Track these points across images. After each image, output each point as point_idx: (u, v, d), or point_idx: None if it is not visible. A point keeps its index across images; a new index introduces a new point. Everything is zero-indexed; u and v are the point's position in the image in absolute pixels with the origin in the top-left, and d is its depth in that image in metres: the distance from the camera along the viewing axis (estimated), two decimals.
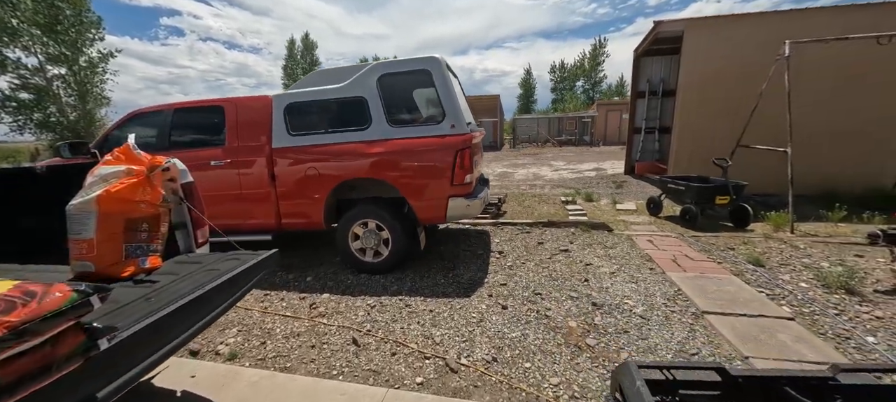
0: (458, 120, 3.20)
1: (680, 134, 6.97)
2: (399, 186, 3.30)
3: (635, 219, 5.67)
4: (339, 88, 3.41)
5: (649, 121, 9.75)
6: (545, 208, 6.57)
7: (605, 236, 4.59)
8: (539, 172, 11.61)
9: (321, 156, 3.40)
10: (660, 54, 9.27)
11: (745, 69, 6.27)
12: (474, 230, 4.91)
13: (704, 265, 3.52)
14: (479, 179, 4.21)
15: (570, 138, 22.74)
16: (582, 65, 47.14)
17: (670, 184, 5.56)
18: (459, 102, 3.55)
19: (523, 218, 5.75)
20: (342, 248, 3.56)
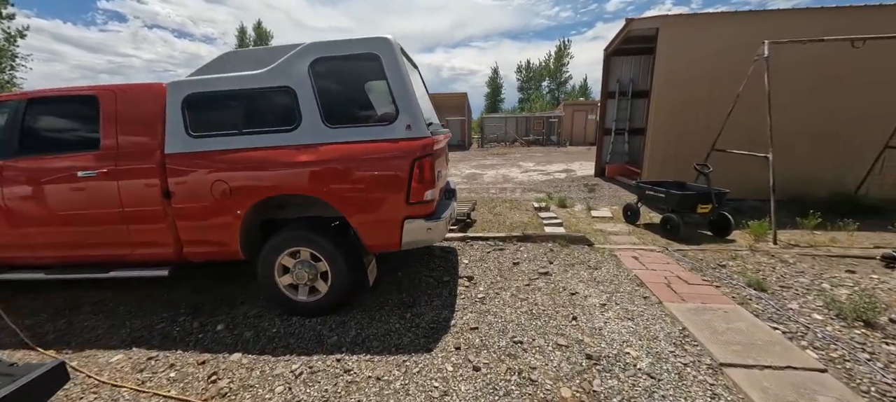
0: (415, 119, 2.48)
1: (654, 136, 6.69)
2: (338, 204, 2.53)
3: (613, 228, 5.24)
4: (259, 74, 2.58)
5: (619, 122, 9.54)
6: (517, 215, 6.02)
7: (586, 252, 4.06)
8: (508, 174, 11.15)
9: (232, 165, 2.55)
10: (631, 54, 9.06)
11: (722, 70, 6.06)
12: (440, 248, 4.21)
13: (702, 291, 3.06)
14: (445, 191, 3.52)
15: (538, 138, 22.71)
16: (547, 65, 47.92)
17: (648, 190, 5.18)
18: (418, 97, 2.84)
19: (495, 229, 5.14)
20: (266, 285, 2.74)
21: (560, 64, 46.85)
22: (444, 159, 3.24)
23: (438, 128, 3.35)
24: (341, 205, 2.52)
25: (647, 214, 5.90)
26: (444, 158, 3.24)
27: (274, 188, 2.53)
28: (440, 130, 3.34)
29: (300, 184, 2.50)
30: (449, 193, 3.67)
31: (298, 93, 2.53)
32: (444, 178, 3.43)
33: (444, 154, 3.20)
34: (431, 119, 3.39)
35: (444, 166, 3.41)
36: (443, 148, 3.12)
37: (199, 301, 3.09)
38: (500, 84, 51.50)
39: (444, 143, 3.24)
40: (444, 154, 3.28)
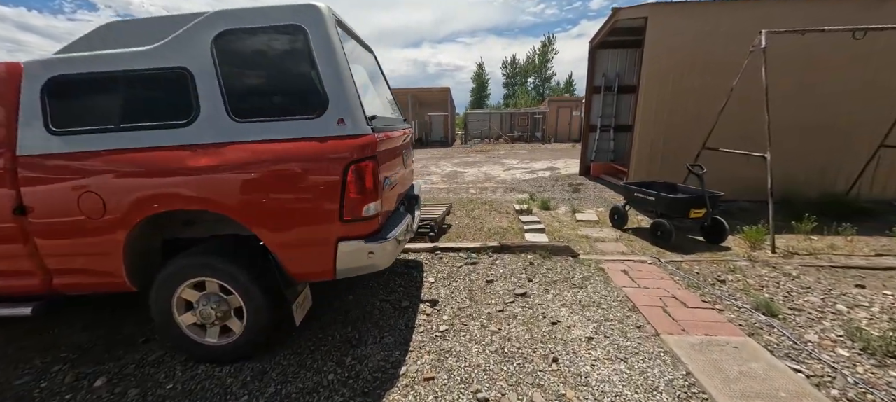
0: (350, 111, 1.90)
1: (641, 133, 6.27)
2: (249, 222, 1.93)
3: (600, 233, 4.79)
4: (146, 52, 1.95)
5: (605, 118, 9.15)
6: (497, 219, 5.51)
7: (570, 265, 3.58)
8: (491, 172, 10.65)
9: (106, 171, 1.92)
10: (617, 47, 8.65)
11: (714, 62, 5.67)
12: (402, 262, 3.65)
13: (704, 317, 2.60)
14: (406, 198, 2.96)
15: (523, 135, 22.33)
16: (532, 61, 47.69)
17: (637, 192, 4.74)
18: (363, 84, 2.27)
19: (470, 237, 4.62)
20: (163, 326, 2.13)
21: (545, 60, 46.69)
22: (401, 161, 2.68)
23: (396, 122, 2.79)
24: (253, 223, 1.93)
25: (635, 216, 5.49)
26: (401, 160, 2.67)
27: (161, 202, 1.91)
28: (399, 126, 2.77)
29: (196, 197, 1.89)
30: (411, 201, 3.11)
31: (197, 76, 1.92)
32: (404, 182, 2.87)
33: (400, 155, 2.64)
34: (385, 112, 2.83)
35: (405, 168, 2.85)
36: (398, 147, 2.56)
37: (87, 342, 2.45)
38: (486, 80, 51.07)
39: (402, 141, 2.67)
40: (402, 154, 2.72)
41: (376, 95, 2.97)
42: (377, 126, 2.08)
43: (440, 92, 21.01)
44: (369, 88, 2.80)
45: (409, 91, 20.21)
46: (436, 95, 21.35)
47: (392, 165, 2.38)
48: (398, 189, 2.69)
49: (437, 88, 20.89)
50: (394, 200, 2.48)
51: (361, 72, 2.64)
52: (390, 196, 2.35)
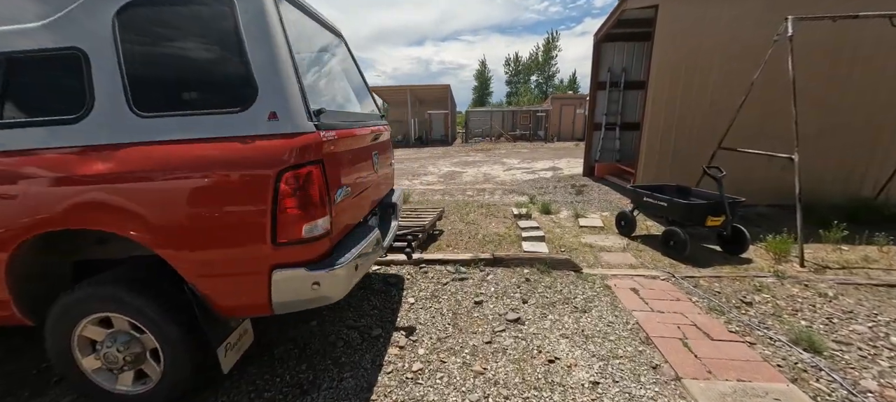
0: (284, 102, 1.47)
1: (650, 131, 5.80)
2: (158, 245, 1.51)
3: (605, 242, 4.34)
4: (29, 30, 1.53)
5: (610, 116, 8.67)
6: (493, 225, 5.08)
7: (572, 282, 3.14)
8: (490, 172, 10.21)
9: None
10: (624, 39, 8.15)
11: (732, 53, 5.18)
12: (380, 277, 3.23)
13: (734, 354, 2.15)
14: (379, 207, 2.53)
15: (525, 133, 21.83)
16: (536, 58, 47.07)
17: (647, 196, 4.29)
18: (312, 70, 1.84)
19: (462, 246, 4.19)
20: (63, 368, 1.71)
21: (548, 57, 46.05)
22: (371, 164, 2.25)
23: (364, 118, 2.36)
24: (159, 245, 1.50)
25: (644, 222, 5.03)
26: (371, 163, 2.24)
27: (44, 220, 1.49)
28: (369, 122, 2.35)
29: (89, 213, 1.48)
30: (388, 210, 2.68)
31: (92, 59, 1.49)
32: (377, 189, 2.44)
33: (369, 157, 2.21)
34: (353, 106, 2.41)
35: (378, 172, 2.42)
36: (365, 148, 2.13)
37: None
38: (489, 77, 50.51)
39: (371, 140, 2.24)
40: (372, 156, 2.28)
41: (346, 87, 2.55)
42: (328, 122, 1.65)
43: (440, 89, 20.54)
44: (335, 77, 2.38)
45: (408, 88, 19.77)
46: (436, 92, 20.88)
47: (355, 169, 1.95)
48: (369, 196, 2.26)
49: (437, 85, 20.42)
50: (359, 210, 2.06)
51: (325, 59, 2.22)
52: (352, 207, 1.92)
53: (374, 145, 2.29)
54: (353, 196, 1.88)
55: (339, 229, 1.73)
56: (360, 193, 2.01)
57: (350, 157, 1.86)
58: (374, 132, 2.29)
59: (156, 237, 1.48)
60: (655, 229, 4.85)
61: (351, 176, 1.86)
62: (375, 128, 2.38)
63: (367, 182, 2.15)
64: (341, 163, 1.73)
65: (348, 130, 1.83)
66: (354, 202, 1.94)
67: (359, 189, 1.99)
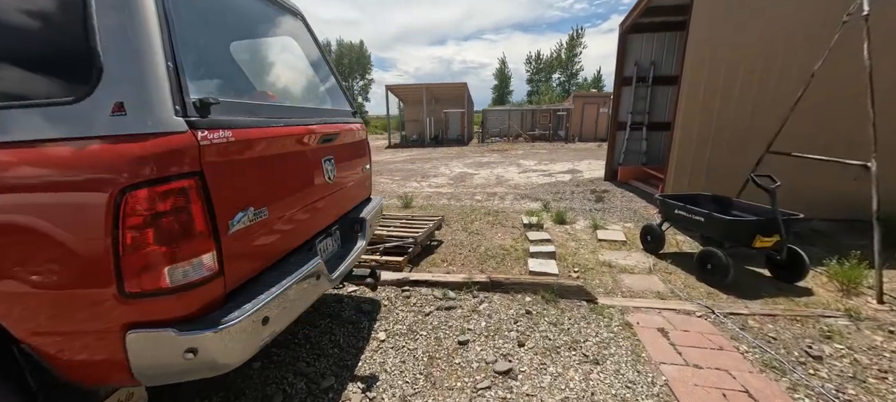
0: (139, 90, 1.00)
1: (683, 132, 5.07)
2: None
3: (627, 261, 3.71)
4: None
5: (636, 114, 7.88)
6: (499, 236, 4.53)
7: (583, 318, 2.56)
8: (504, 175, 9.61)
9: None
10: (653, 30, 7.37)
11: (786, 39, 4.40)
12: (354, 302, 2.75)
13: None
14: (335, 229, 2.05)
15: (544, 133, 20.95)
16: (558, 56, 45.68)
17: (679, 209, 3.63)
18: (193, 43, 1.39)
19: (459, 261, 3.68)
20: None
21: (572, 54, 44.55)
22: (321, 171, 1.77)
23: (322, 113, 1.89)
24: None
25: (674, 236, 4.34)
26: (320, 170, 1.77)
27: None
28: (322, 118, 1.87)
29: None
30: (354, 227, 2.20)
31: None
32: (335, 203, 1.97)
33: (317, 163, 1.74)
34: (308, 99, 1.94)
35: (335, 180, 1.94)
36: (308, 152, 1.66)
37: None
38: (509, 76, 49.50)
39: (315, 142, 1.76)
40: (322, 162, 1.80)
41: (297, 76, 2.09)
42: (223, 119, 1.17)
43: (457, 87, 20.00)
44: (277, 63, 1.92)
45: (425, 86, 19.35)
46: (452, 90, 20.36)
47: (281, 181, 1.47)
48: (318, 214, 1.79)
49: (454, 84, 19.88)
50: (293, 235, 1.58)
51: (264, 40, 1.77)
52: (278, 232, 1.45)
53: (325, 148, 1.81)
54: (277, 217, 1.41)
55: (247, 265, 1.26)
56: (293, 212, 1.54)
57: (269, 165, 1.38)
58: (325, 133, 1.81)
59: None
60: (688, 245, 4.17)
61: (271, 191, 1.38)
62: (331, 127, 1.90)
63: (310, 196, 1.67)
64: (247, 174, 1.25)
65: (265, 128, 1.35)
66: (282, 225, 1.46)
67: (291, 207, 1.51)
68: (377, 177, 9.68)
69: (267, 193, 1.34)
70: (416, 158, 14.06)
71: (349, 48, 40.42)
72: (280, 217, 1.43)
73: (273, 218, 1.37)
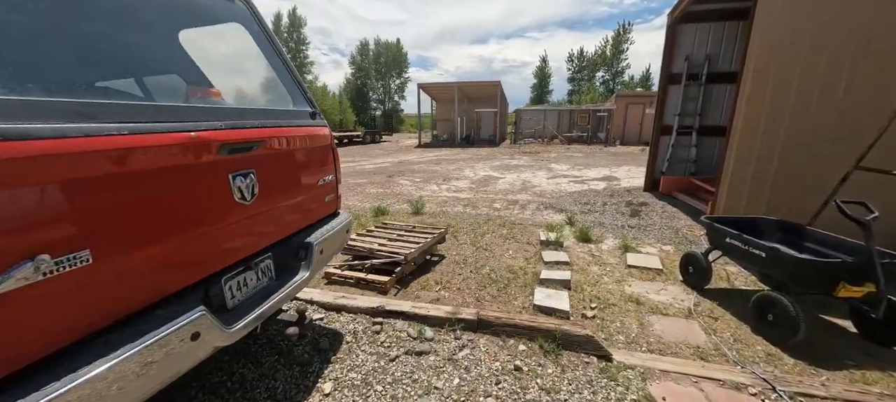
0: None
1: (743, 139, 4.21)
2: None
3: (661, 296, 3.03)
4: None
5: (685, 117, 6.89)
6: (510, 253, 3.99)
7: (588, 384, 1.98)
8: (531, 180, 8.93)
9: None
10: (709, 19, 6.37)
11: (881, 31, 3.44)
12: (314, 334, 2.36)
13: None
14: (265, 262, 1.66)
15: (582, 135, 19.67)
16: (603, 53, 43.21)
17: (732, 238, 2.89)
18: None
19: (457, 283, 3.21)
20: None
21: (618, 51, 41.92)
22: (227, 188, 1.38)
23: (235, 114, 1.51)
24: None
25: (725, 266, 3.56)
26: (227, 187, 1.38)
27: None
28: (254, 120, 1.49)
29: None
30: (290, 257, 1.81)
31: None
32: (259, 230, 1.58)
33: (221, 177, 1.35)
34: (235, 96, 1.57)
35: (249, 202, 1.54)
36: (206, 163, 1.27)
37: None
38: (549, 74, 47.68)
39: (218, 152, 1.36)
40: (230, 178, 1.40)
41: (232, 70, 1.71)
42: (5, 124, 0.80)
43: (489, 86, 19.31)
44: (203, 56, 1.55)
45: (457, 85, 18.88)
46: (485, 89, 19.70)
47: (146, 207, 1.09)
48: (237, 243, 1.42)
49: (487, 82, 19.20)
50: (161, 278, 1.19)
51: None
52: (127, 278, 1.06)
53: (236, 161, 1.41)
54: (117, 260, 1.02)
55: (37, 338, 0.88)
56: (158, 248, 1.14)
57: (99, 188, 0.98)
58: (236, 140, 1.41)
59: None
60: (743, 278, 3.38)
61: (101, 225, 0.98)
62: (254, 132, 1.50)
63: (199, 224, 1.28)
64: (41, 204, 0.86)
65: (84, 138, 0.95)
66: (132, 268, 1.07)
67: (151, 242, 1.12)
68: (396, 178, 9.39)
69: (90, 230, 0.95)
70: (443, 159, 13.66)
71: (385, 47, 40.85)
72: (125, 258, 1.04)
73: (103, 264, 0.98)
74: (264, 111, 1.73)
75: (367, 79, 39.93)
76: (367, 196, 7.26)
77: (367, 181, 8.95)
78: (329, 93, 35.45)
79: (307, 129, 1.93)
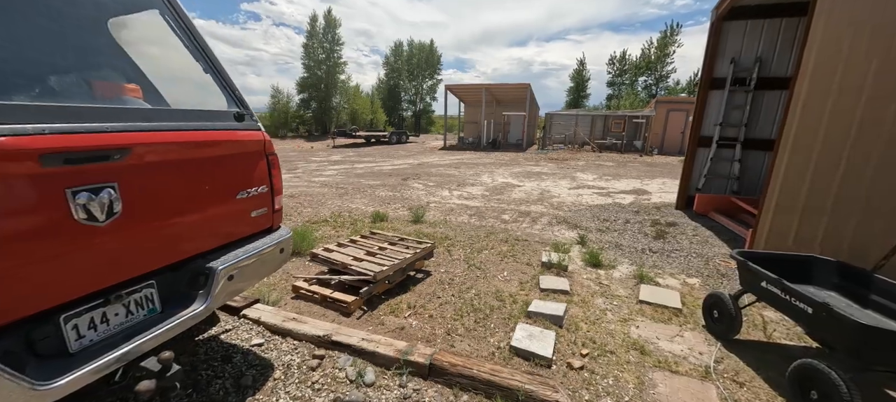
0: None
1: (794, 155, 3.49)
2: None
3: (674, 345, 2.49)
4: None
5: (728, 127, 6.04)
6: (503, 275, 3.57)
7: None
8: (551, 190, 8.33)
9: None
10: (760, 15, 5.52)
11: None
12: (245, 360, 2.08)
13: None
14: (148, 293, 1.38)
15: (617, 142, 18.46)
16: (647, 55, 40.76)
17: (769, 282, 2.30)
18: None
19: (431, 310, 2.86)
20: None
21: (663, 53, 39.34)
22: (69, 209, 1.11)
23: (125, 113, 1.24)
24: None
25: (761, 311, 2.92)
26: (58, 207, 1.11)
27: None
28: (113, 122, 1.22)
29: None
30: (187, 285, 1.53)
31: None
32: (152, 248, 1.32)
33: (45, 194, 1.08)
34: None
35: (107, 223, 1.26)
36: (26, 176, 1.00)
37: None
38: (586, 77, 45.73)
39: (40, 160, 1.09)
40: (66, 193, 1.13)
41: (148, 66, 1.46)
42: None
43: (518, 89, 18.62)
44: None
45: (484, 86, 18.39)
46: (514, 91, 19.05)
47: None
48: (84, 271, 1.15)
49: (516, 84, 18.53)
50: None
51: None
52: None
53: (64, 174, 1.12)
54: None
55: None
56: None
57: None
58: (69, 149, 1.12)
59: None
60: (782, 329, 2.73)
61: None
62: (96, 138, 1.20)
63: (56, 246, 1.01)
64: None
65: None
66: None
67: None
68: (411, 181, 9.13)
69: None
70: (463, 163, 13.27)
71: (419, 48, 40.95)
72: None
73: None
74: (159, 112, 1.46)
75: (400, 80, 40.26)
76: (375, 199, 7.04)
77: (379, 184, 8.76)
78: (362, 93, 36.09)
79: (224, 133, 1.65)
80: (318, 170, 11.07)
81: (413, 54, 40.86)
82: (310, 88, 30.12)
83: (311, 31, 29.53)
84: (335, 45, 30.17)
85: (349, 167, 11.82)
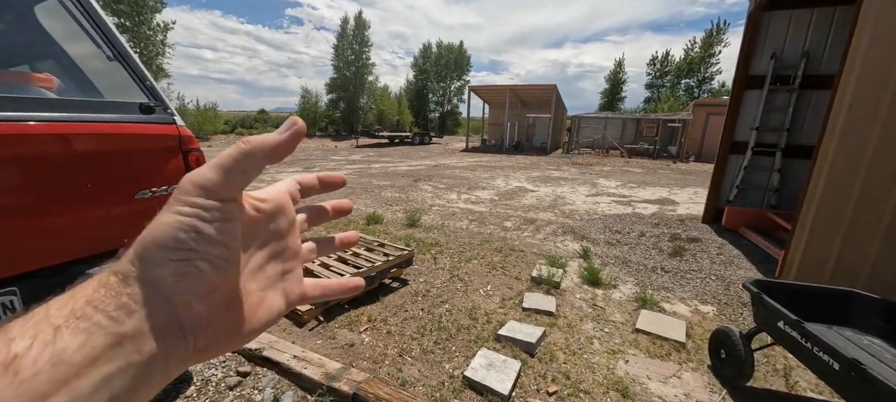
0: None
1: (837, 164, 2.91)
2: None
3: (668, 389, 2.10)
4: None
5: (765, 132, 5.32)
6: (486, 289, 3.27)
7: None
8: (566, 196, 7.83)
9: None
10: (806, 3, 4.81)
11: None
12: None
13: None
14: (12, 300, 1.23)
15: (649, 148, 17.31)
16: (690, 55, 38.28)
17: (787, 323, 1.84)
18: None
19: (401, 315, 2.61)
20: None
21: (707, 54, 36.76)
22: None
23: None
24: None
25: (783, 358, 2.42)
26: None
27: None
28: None
29: None
30: (46, 296, 1.35)
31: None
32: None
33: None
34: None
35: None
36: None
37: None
38: (623, 79, 43.73)
39: None
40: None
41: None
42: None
43: (544, 90, 17.94)
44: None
45: (508, 88, 17.89)
46: (539, 93, 18.39)
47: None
48: None
49: (541, 86, 17.86)
50: None
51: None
52: None
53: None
54: None
55: None
56: None
57: None
58: None
59: None
60: (807, 381, 2.22)
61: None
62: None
63: None
64: None
65: None
66: None
67: None
68: (421, 183, 8.93)
69: None
70: (480, 166, 12.92)
71: (447, 49, 40.87)
72: None
73: None
74: (29, 101, 1.31)
75: (428, 81, 40.38)
76: (378, 200, 6.90)
77: (389, 184, 8.64)
78: (390, 94, 36.53)
79: (115, 126, 1.48)
80: (335, 169, 11.15)
81: (441, 55, 40.84)
82: (338, 89, 30.91)
83: (342, 33, 30.30)
84: (364, 47, 30.78)
85: (364, 167, 11.83)
